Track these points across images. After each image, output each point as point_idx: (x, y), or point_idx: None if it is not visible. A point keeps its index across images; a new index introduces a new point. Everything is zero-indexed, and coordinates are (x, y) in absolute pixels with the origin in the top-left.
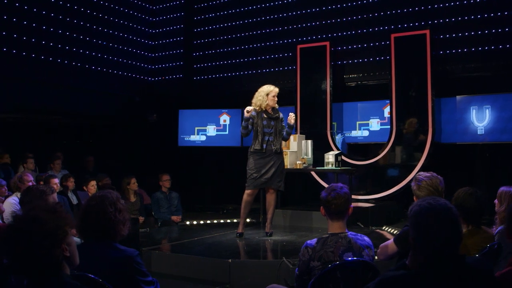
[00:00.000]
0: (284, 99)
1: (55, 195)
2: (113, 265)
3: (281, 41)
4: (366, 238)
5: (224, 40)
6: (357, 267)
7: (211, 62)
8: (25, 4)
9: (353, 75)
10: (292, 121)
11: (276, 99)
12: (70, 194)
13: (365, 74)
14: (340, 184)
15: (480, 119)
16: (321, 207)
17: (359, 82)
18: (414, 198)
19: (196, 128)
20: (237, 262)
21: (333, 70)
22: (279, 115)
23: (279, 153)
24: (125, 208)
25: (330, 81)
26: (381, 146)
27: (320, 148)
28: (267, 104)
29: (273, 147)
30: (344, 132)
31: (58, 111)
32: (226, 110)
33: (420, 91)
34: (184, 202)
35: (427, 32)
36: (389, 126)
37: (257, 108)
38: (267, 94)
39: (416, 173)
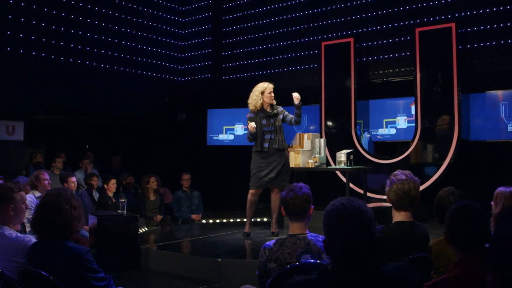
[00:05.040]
0: (309, 97)
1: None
2: (63, 262)
3: (306, 38)
4: None
5: (251, 39)
6: (314, 270)
7: (239, 61)
8: (61, 11)
9: (378, 72)
10: (296, 102)
11: (272, 95)
12: (94, 193)
13: (391, 71)
14: (300, 184)
15: (511, 115)
16: (282, 207)
17: (384, 79)
18: (387, 199)
19: (224, 127)
20: (227, 262)
21: (358, 67)
22: (277, 111)
23: (282, 151)
24: (79, 205)
25: (354, 78)
26: (408, 144)
27: (345, 147)
28: (262, 103)
29: (274, 145)
30: (371, 130)
31: (91, 112)
32: None
33: (446, 87)
34: (212, 201)
35: (453, 25)
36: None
37: (253, 108)
38: (262, 92)
39: (441, 173)
